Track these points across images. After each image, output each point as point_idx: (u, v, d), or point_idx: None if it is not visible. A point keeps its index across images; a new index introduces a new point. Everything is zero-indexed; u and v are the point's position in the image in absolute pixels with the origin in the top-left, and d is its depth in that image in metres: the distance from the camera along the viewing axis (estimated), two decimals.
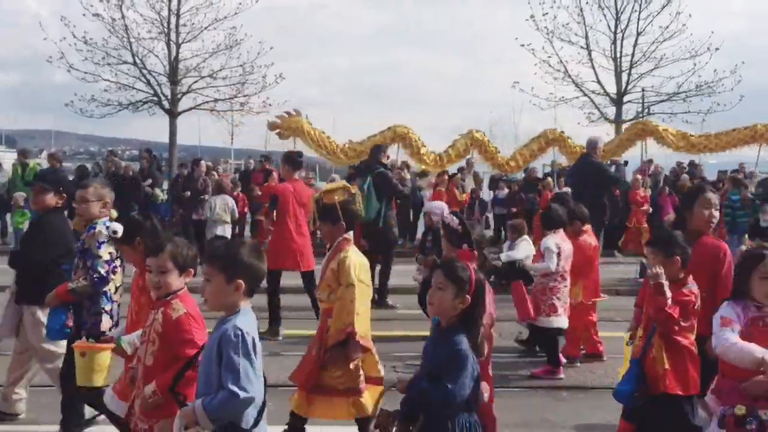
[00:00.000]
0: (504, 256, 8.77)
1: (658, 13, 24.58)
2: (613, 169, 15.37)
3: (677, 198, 15.03)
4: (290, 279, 9.49)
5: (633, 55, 25.14)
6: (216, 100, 23.80)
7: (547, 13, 24.39)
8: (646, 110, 25.77)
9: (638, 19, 24.92)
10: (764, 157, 16.54)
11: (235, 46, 23.26)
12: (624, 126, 23.10)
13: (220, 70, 23.45)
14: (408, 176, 16.12)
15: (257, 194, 15.14)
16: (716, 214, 4.95)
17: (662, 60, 24.79)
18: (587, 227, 8.03)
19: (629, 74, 25.24)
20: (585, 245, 7.89)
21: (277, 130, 15.60)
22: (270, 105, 22.82)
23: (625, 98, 25.48)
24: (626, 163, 17.59)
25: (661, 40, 24.62)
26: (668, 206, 15.83)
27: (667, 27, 24.40)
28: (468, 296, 3.55)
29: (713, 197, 4.95)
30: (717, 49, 24.19)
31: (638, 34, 25.02)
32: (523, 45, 24.93)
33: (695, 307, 4.37)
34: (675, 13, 24.20)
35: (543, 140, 16.43)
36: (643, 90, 25.80)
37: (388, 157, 11.37)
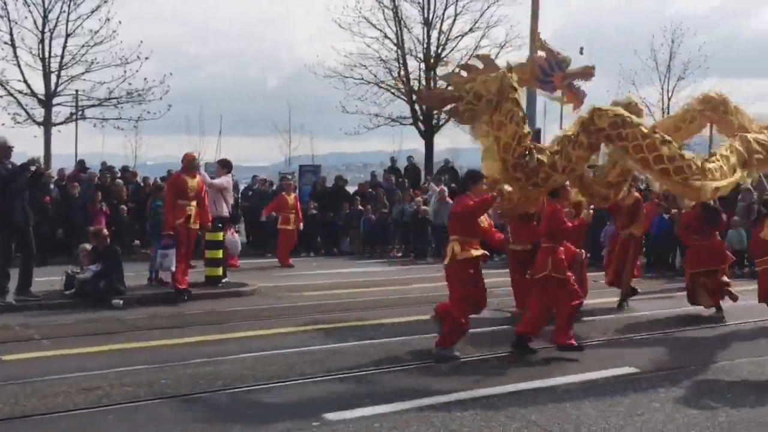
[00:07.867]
0: None
1: (88, 16, 24.51)
2: None
3: None
4: None
5: (63, 56, 24.56)
6: None
7: None
8: (80, 113, 25.46)
9: (67, 21, 24.48)
10: None
11: None
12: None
13: None
14: None
15: None
16: None
17: (93, 64, 24.76)
18: None
19: (59, 76, 24.61)
20: None
21: None
22: None
23: (56, 100, 24.75)
24: None
25: (92, 44, 24.58)
26: None
27: (97, 32, 24.47)
28: None
29: None
30: (147, 58, 25.05)
31: (68, 35, 24.55)
32: None
33: None
34: (105, 19, 24.42)
35: None
36: (76, 92, 25.38)
37: None
